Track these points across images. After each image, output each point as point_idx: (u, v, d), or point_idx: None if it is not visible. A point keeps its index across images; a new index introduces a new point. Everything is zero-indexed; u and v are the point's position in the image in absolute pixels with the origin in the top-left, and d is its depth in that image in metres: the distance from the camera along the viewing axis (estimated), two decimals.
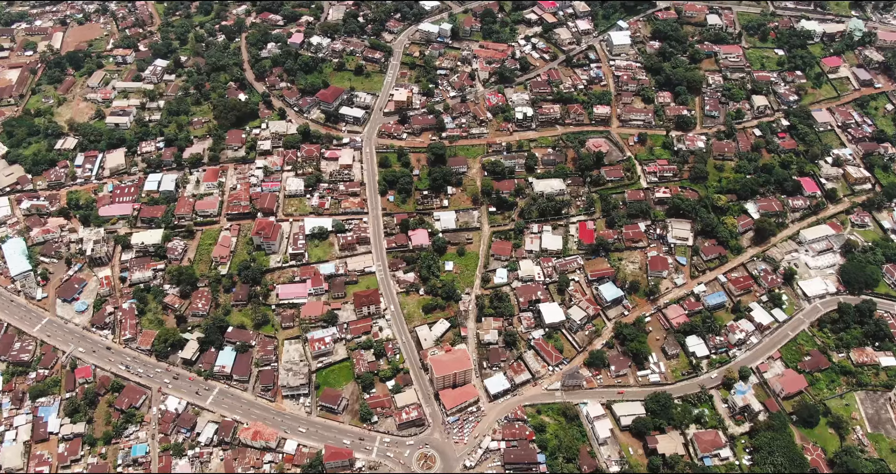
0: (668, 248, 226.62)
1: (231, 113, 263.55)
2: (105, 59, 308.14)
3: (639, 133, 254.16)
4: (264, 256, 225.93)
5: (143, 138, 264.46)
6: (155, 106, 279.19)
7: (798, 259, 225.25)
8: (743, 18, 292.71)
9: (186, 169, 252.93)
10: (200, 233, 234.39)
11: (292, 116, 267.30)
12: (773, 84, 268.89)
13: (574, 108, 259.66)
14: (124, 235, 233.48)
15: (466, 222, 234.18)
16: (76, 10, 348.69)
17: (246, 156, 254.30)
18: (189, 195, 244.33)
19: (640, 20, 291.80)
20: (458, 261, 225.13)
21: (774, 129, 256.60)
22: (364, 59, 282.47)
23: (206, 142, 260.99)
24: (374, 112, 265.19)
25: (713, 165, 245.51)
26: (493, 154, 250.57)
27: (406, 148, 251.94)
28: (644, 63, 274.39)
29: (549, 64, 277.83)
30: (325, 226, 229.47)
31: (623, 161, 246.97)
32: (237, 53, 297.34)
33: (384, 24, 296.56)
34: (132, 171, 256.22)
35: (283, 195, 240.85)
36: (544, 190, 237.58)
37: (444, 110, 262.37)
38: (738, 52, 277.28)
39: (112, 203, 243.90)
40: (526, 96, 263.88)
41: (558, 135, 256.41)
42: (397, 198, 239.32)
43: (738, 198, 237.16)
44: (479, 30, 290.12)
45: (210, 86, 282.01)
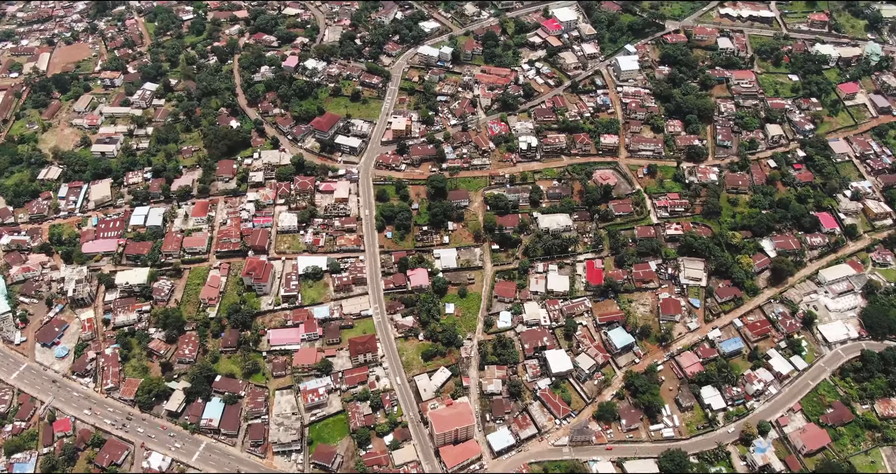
0: (680, 289, 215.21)
1: (222, 142, 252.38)
2: (93, 82, 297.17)
3: (648, 164, 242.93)
4: (255, 298, 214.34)
5: (130, 168, 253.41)
6: (143, 133, 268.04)
7: (817, 301, 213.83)
8: (755, 42, 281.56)
9: (175, 202, 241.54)
10: (188, 272, 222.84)
11: (286, 145, 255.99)
12: (788, 112, 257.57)
13: (580, 138, 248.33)
14: (108, 274, 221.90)
15: (468, 260, 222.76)
16: (64, 29, 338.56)
17: (237, 188, 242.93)
18: (177, 230, 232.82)
19: (648, 44, 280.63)
20: (459, 303, 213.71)
21: (790, 160, 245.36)
22: (361, 85, 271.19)
23: (196, 172, 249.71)
24: (372, 141, 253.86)
25: (726, 199, 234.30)
26: (496, 186, 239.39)
27: (405, 180, 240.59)
28: (653, 89, 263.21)
29: (553, 90, 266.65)
30: (319, 265, 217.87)
31: (632, 194, 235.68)
32: (229, 77, 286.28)
33: (382, 46, 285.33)
34: (118, 204, 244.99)
35: (276, 231, 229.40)
36: (550, 226, 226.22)
37: (445, 139, 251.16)
38: (751, 78, 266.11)
39: (96, 238, 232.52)
40: (530, 125, 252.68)
41: (564, 166, 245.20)
42: (395, 235, 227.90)
43: (753, 234, 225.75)
44: (481, 53, 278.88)
45: (201, 112, 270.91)
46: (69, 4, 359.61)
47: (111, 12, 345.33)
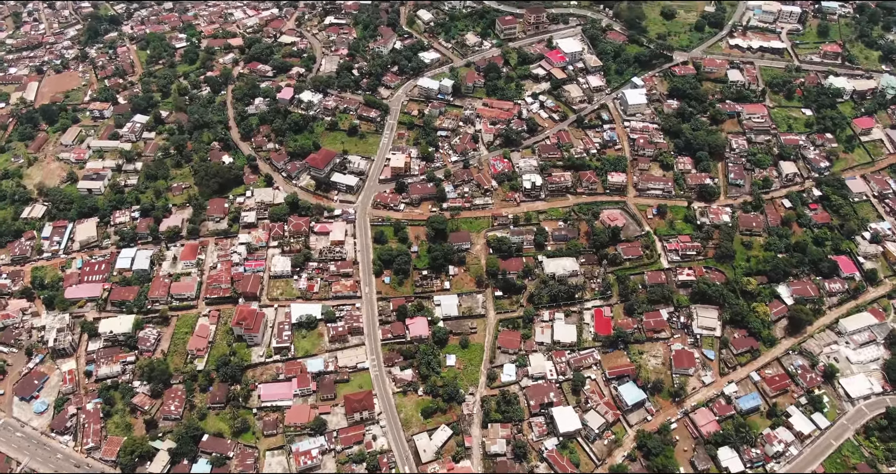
0: (693, 340, 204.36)
1: (213, 180, 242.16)
2: (81, 113, 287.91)
3: (658, 204, 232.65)
4: (246, 348, 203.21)
5: (118, 206, 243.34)
6: (132, 169, 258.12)
7: (838, 352, 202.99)
8: (766, 74, 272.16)
9: (163, 243, 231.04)
10: (176, 320, 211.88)
11: (280, 183, 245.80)
12: (802, 148, 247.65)
13: (587, 176, 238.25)
14: (92, 322, 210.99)
15: (470, 308, 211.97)
16: (55, 56, 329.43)
17: (228, 229, 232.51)
18: (165, 274, 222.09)
19: (655, 76, 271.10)
20: (460, 354, 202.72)
21: (805, 200, 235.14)
22: (358, 118, 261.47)
23: (186, 211, 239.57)
24: (369, 179, 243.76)
25: (740, 241, 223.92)
26: (499, 227, 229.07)
27: (403, 221, 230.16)
28: (661, 124, 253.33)
29: (558, 124, 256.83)
30: (313, 313, 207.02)
31: (641, 236, 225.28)
32: (222, 109, 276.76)
33: (380, 78, 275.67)
34: (104, 245, 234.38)
35: (268, 276, 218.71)
36: (556, 271, 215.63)
37: (445, 177, 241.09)
38: (763, 112, 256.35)
39: (80, 282, 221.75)
40: (534, 162, 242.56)
41: (570, 205, 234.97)
42: (394, 280, 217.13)
43: (769, 280, 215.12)
44: (483, 86, 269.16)
45: (192, 146, 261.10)
46: (60, 30, 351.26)
47: (103, 39, 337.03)
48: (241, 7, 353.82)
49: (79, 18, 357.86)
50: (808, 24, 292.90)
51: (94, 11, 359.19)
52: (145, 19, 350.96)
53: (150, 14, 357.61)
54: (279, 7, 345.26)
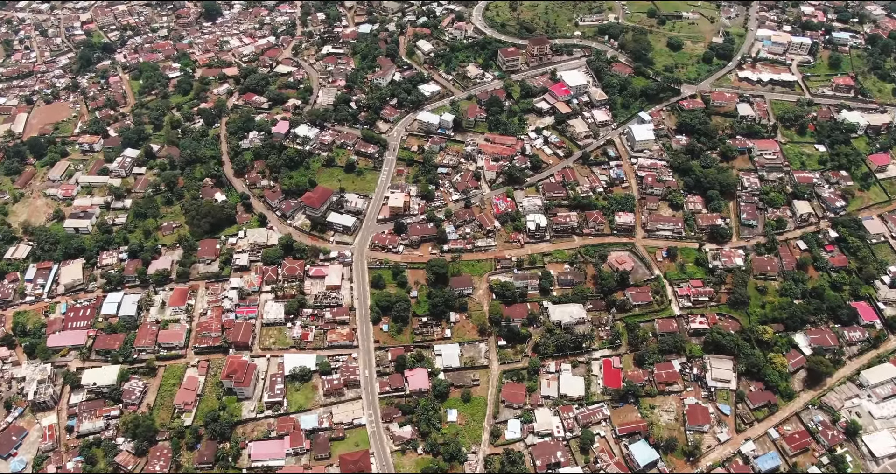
0: (707, 393, 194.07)
1: (205, 220, 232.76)
2: (70, 147, 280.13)
3: (668, 247, 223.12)
4: (236, 402, 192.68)
5: (105, 247, 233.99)
6: (121, 206, 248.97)
7: (860, 406, 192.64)
8: (777, 108, 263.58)
9: (151, 287, 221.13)
10: (163, 370, 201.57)
11: (274, 222, 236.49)
12: (816, 186, 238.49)
13: (593, 216, 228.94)
14: (75, 372, 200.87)
15: (472, 358, 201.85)
16: (46, 85, 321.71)
17: (219, 272, 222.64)
18: (152, 321, 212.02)
19: (663, 110, 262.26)
20: (462, 408, 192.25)
21: (821, 242, 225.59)
22: (356, 154, 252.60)
23: (176, 253, 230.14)
24: (367, 218, 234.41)
25: (754, 286, 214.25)
26: (502, 270, 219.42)
27: (402, 264, 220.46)
28: (670, 161, 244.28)
29: (563, 161, 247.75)
30: (307, 365, 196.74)
31: (651, 281, 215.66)
32: (215, 142, 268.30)
33: (379, 111, 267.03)
34: (90, 288, 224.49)
35: (261, 323, 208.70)
36: (562, 318, 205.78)
37: (446, 217, 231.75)
38: (775, 149, 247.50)
39: (64, 328, 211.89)
40: (538, 201, 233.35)
41: (576, 247, 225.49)
42: (392, 328, 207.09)
43: (786, 328, 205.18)
44: (485, 120, 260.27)
45: (183, 182, 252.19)
46: (52, 59, 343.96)
47: (95, 68, 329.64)
48: (237, 35, 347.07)
49: (71, 46, 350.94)
50: (818, 56, 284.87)
51: (86, 39, 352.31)
52: (139, 47, 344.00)
53: (145, 42, 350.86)
54: (276, 35, 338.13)
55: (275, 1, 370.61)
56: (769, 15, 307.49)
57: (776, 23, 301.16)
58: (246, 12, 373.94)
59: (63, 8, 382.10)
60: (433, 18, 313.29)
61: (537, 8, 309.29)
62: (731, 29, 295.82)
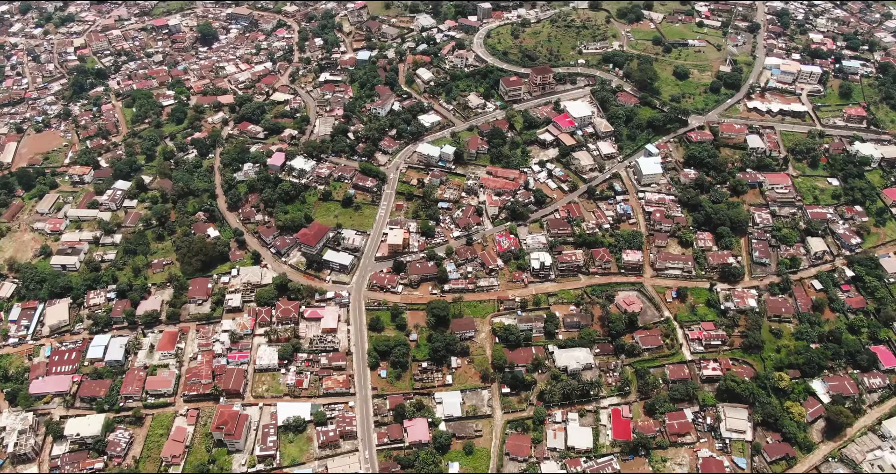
0: (722, 445, 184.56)
1: (196, 258, 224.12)
2: (60, 178, 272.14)
3: (677, 287, 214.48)
4: (226, 454, 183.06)
5: (93, 286, 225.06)
6: (110, 242, 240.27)
7: (883, 459, 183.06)
8: (788, 139, 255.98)
9: (139, 330, 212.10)
10: (150, 419, 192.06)
11: (268, 260, 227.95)
12: (831, 222, 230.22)
13: (599, 254, 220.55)
14: (58, 421, 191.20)
15: (475, 406, 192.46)
16: (37, 112, 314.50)
17: (211, 313, 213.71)
18: (140, 366, 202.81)
19: (670, 142, 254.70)
20: (464, 461, 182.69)
21: (837, 281, 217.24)
22: (354, 187, 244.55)
23: (166, 292, 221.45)
24: (365, 256, 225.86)
25: (768, 329, 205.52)
26: (506, 312, 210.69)
27: (401, 305, 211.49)
28: (679, 196, 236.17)
29: (567, 195, 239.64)
30: (302, 414, 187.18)
31: (660, 323, 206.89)
32: (209, 174, 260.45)
33: (377, 142, 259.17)
34: (76, 330, 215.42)
35: (253, 369, 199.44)
36: (568, 364, 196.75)
37: (447, 255, 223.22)
38: (787, 183, 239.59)
39: (48, 373, 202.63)
40: (542, 238, 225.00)
41: (582, 287, 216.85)
42: (391, 373, 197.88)
43: (802, 374, 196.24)
44: (487, 152, 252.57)
45: (175, 216, 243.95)
46: (44, 85, 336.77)
47: (88, 95, 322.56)
48: (234, 60, 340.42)
49: (64, 72, 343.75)
50: (829, 85, 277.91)
51: (80, 65, 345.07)
52: (133, 73, 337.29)
53: (139, 67, 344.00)
54: (273, 61, 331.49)
55: (272, 25, 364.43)
56: (777, 42, 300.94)
57: (784, 51, 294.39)
58: (243, 36, 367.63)
59: (57, 33, 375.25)
60: (433, 45, 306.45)
61: (540, 35, 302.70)
62: (738, 57, 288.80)
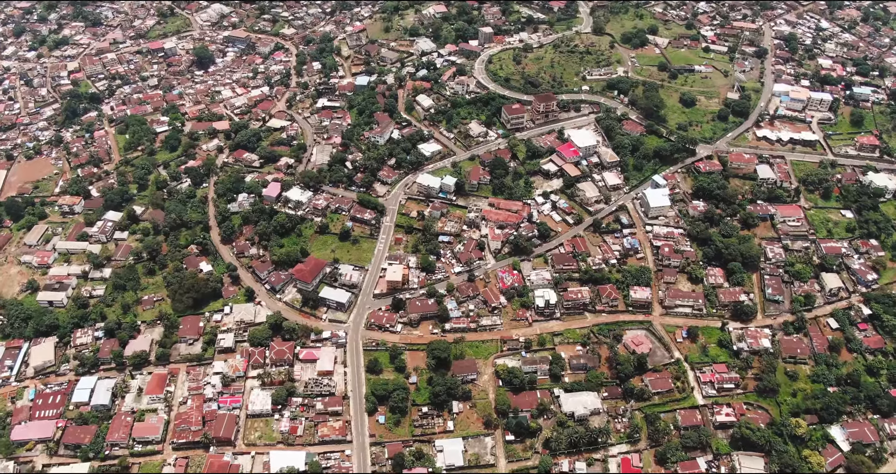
0: None
1: (188, 295, 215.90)
2: (50, 208, 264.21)
3: (688, 326, 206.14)
4: None
5: (80, 324, 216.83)
6: (99, 276, 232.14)
7: None
8: (799, 169, 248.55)
9: (127, 371, 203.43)
10: (137, 468, 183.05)
11: (263, 297, 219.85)
12: (845, 257, 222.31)
13: (606, 291, 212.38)
14: (41, 471, 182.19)
15: (477, 455, 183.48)
16: (28, 138, 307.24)
17: (202, 354, 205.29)
18: (128, 410, 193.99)
19: (678, 172, 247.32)
20: None
21: (853, 319, 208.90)
22: (352, 219, 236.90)
23: (156, 331, 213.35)
24: (362, 293, 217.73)
25: (783, 371, 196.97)
26: (509, 353, 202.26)
27: (401, 345, 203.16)
28: (688, 229, 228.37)
29: (572, 229, 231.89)
30: (296, 465, 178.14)
31: (670, 365, 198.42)
32: (203, 204, 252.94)
33: (376, 173, 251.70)
34: (61, 371, 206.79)
35: (245, 414, 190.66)
36: (575, 409, 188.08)
37: (448, 292, 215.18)
38: (799, 215, 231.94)
39: (32, 418, 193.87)
40: (547, 274, 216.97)
41: (588, 326, 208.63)
42: (389, 419, 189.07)
43: (820, 420, 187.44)
44: (489, 183, 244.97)
45: (167, 249, 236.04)
46: (36, 110, 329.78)
47: (80, 120, 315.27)
48: (230, 84, 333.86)
49: (57, 97, 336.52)
50: (839, 112, 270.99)
51: (73, 89, 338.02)
52: (127, 98, 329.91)
53: (134, 91, 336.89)
54: (270, 85, 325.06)
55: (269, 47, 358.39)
56: (785, 68, 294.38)
57: (793, 77, 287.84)
58: (240, 60, 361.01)
59: (51, 56, 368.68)
60: (433, 71, 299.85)
61: (542, 61, 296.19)
62: (745, 83, 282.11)
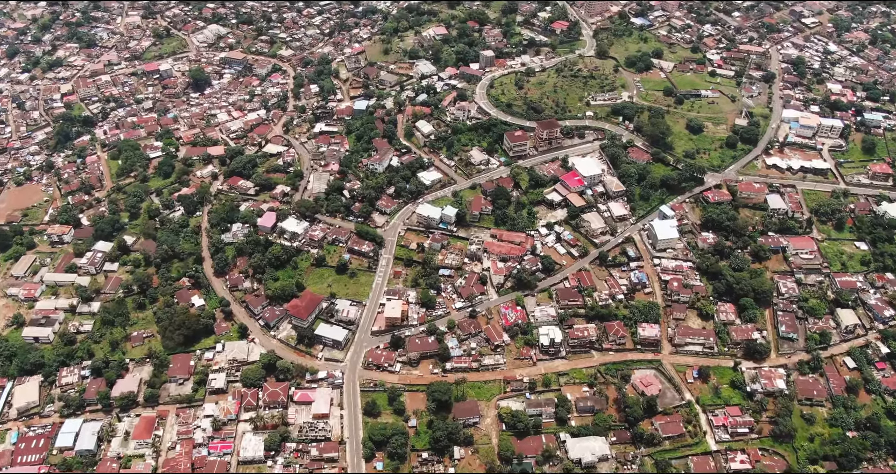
0: None
1: (178, 332, 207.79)
2: (39, 237, 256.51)
3: (699, 366, 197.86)
4: None
5: (66, 362, 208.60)
6: (87, 311, 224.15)
7: None
8: (810, 199, 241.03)
9: (114, 413, 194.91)
10: None
11: (256, 333, 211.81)
12: (861, 291, 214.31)
13: (613, 328, 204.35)
14: None
15: None
16: (19, 163, 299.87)
17: (192, 395, 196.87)
18: (113, 456, 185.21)
19: (686, 202, 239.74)
20: None
21: (871, 358, 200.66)
22: (349, 251, 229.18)
23: (144, 369, 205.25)
24: (360, 330, 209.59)
25: (799, 413, 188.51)
26: (513, 394, 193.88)
27: (399, 386, 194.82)
28: (697, 262, 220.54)
29: (577, 262, 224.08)
30: None
31: (681, 407, 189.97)
32: (196, 234, 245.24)
33: (374, 202, 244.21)
34: (45, 412, 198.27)
35: (237, 460, 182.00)
36: (582, 455, 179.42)
37: (449, 329, 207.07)
38: (812, 247, 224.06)
39: (13, 463, 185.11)
40: (551, 311, 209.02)
41: (595, 365, 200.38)
42: (388, 466, 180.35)
43: (840, 467, 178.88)
44: (490, 213, 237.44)
45: (158, 282, 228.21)
46: (28, 134, 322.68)
47: (73, 144, 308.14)
48: (226, 107, 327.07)
49: (49, 120, 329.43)
50: (851, 139, 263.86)
51: (66, 112, 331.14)
52: (121, 121, 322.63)
53: (128, 114, 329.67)
54: (267, 108, 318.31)
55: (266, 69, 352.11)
56: (793, 93, 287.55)
57: (802, 102, 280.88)
58: (236, 82, 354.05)
59: (44, 78, 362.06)
60: (433, 95, 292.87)
61: (545, 86, 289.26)
62: (754, 109, 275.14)
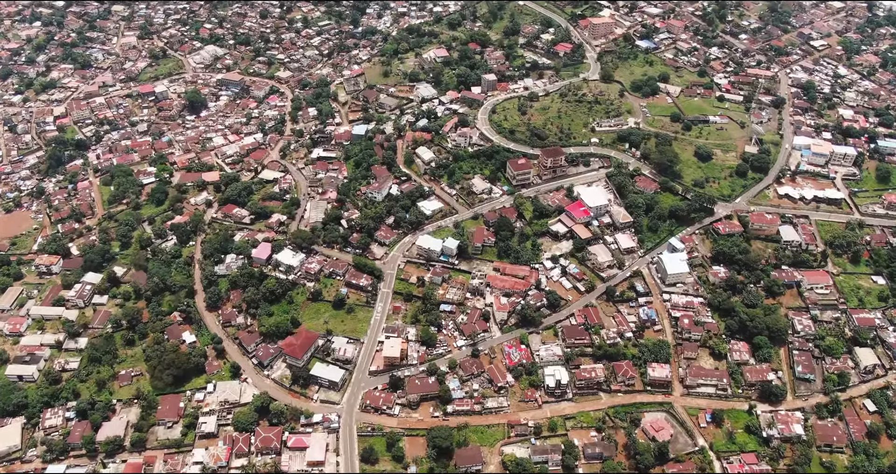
0: None
1: (168, 372, 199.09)
2: (26, 267, 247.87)
3: (712, 409, 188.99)
4: None
5: (51, 403, 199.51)
6: (74, 347, 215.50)
7: None
8: (824, 230, 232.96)
9: (99, 459, 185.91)
10: None
11: (249, 373, 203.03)
12: (880, 328, 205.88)
13: (622, 369, 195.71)
14: None
15: None
16: (9, 189, 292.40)
17: (181, 439, 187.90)
18: None
19: (696, 233, 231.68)
20: None
21: (892, 401, 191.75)
22: (347, 285, 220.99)
23: (132, 411, 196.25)
24: (358, 369, 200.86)
25: (818, 461, 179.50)
26: (517, 439, 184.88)
27: (398, 431, 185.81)
28: (708, 298, 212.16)
29: (584, 297, 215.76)
30: None
31: (694, 454, 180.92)
32: (188, 265, 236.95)
33: (373, 233, 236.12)
34: (27, 457, 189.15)
35: None
36: None
37: (451, 368, 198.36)
38: (827, 282, 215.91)
39: None
40: (557, 349, 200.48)
41: (603, 408, 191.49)
42: None
43: None
44: (493, 245, 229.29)
45: (148, 316, 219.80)
46: (19, 158, 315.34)
47: (65, 169, 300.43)
48: (223, 131, 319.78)
49: (41, 144, 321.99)
50: (864, 167, 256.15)
51: (59, 135, 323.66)
52: (115, 145, 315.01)
53: (122, 137, 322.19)
54: (264, 132, 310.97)
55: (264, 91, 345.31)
56: (804, 119, 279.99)
57: (813, 128, 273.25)
58: (233, 104, 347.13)
59: (37, 100, 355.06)
60: (434, 120, 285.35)
61: (549, 111, 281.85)
62: (764, 136, 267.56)
